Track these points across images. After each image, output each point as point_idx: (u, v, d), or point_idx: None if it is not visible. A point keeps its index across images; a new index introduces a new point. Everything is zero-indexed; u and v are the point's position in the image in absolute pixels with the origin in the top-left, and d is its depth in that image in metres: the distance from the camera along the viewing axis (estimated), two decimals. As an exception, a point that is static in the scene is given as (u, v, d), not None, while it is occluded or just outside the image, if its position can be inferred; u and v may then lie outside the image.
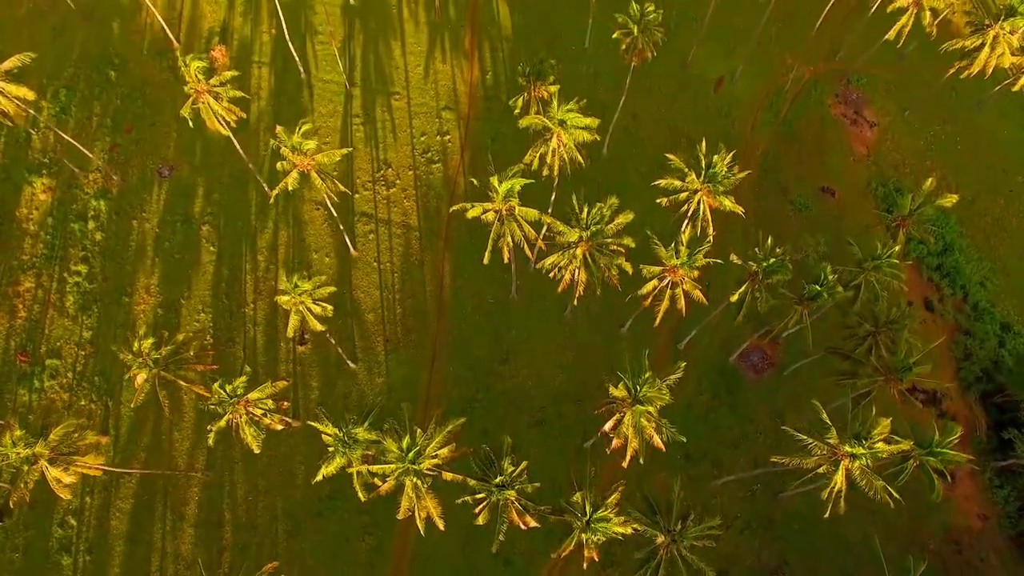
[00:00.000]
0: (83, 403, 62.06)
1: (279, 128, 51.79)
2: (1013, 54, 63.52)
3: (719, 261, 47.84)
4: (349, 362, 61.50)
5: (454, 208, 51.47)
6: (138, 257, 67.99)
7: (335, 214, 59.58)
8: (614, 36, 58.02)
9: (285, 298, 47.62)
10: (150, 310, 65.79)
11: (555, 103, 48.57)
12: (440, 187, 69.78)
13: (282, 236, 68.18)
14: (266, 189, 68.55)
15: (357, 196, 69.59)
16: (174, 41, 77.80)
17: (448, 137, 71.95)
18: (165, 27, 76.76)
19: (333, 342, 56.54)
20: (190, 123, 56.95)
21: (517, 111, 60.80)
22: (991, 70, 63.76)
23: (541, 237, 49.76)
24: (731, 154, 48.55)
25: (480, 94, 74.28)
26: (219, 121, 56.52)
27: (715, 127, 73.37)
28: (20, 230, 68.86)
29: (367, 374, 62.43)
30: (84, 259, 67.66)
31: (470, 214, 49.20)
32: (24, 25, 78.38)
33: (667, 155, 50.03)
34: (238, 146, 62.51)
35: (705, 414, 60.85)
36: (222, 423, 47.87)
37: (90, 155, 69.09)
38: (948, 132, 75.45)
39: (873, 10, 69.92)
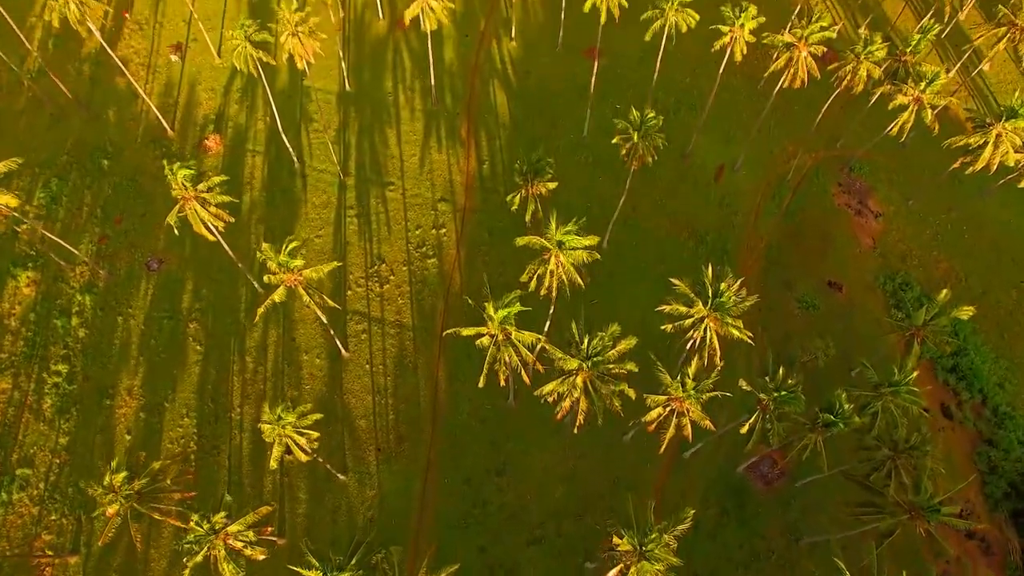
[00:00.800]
0: (54, 517, 58.76)
1: (265, 246, 49.91)
2: (1016, 151, 62.36)
3: (728, 394, 45.43)
4: (339, 474, 58.47)
5: (447, 332, 49.27)
6: (122, 356, 65.50)
7: (325, 320, 57.33)
8: (613, 141, 56.71)
9: (268, 428, 44.99)
10: (132, 414, 63.00)
11: (553, 223, 46.79)
12: (435, 283, 67.76)
13: (271, 335, 65.87)
14: (256, 287, 66.55)
15: (350, 293, 67.54)
16: (168, 129, 76.91)
17: (444, 230, 70.27)
18: (159, 116, 75.98)
19: (320, 460, 53.61)
20: (175, 231, 55.17)
21: (514, 208, 59.33)
22: (995, 166, 62.58)
23: (537, 358, 47.35)
24: (739, 281, 46.46)
25: (477, 185, 72.93)
26: (206, 228, 54.79)
27: (717, 218, 71.87)
28: (1, 327, 66.57)
29: (357, 486, 59.31)
30: (65, 358, 65.18)
31: (464, 332, 47.08)
32: (23, 115, 77.69)
33: (672, 280, 47.96)
34: (228, 249, 60.67)
35: (713, 531, 57.54)
36: (198, 558, 44.74)
37: (75, 251, 67.26)
38: (954, 220, 73.88)
39: (873, 101, 69.04)
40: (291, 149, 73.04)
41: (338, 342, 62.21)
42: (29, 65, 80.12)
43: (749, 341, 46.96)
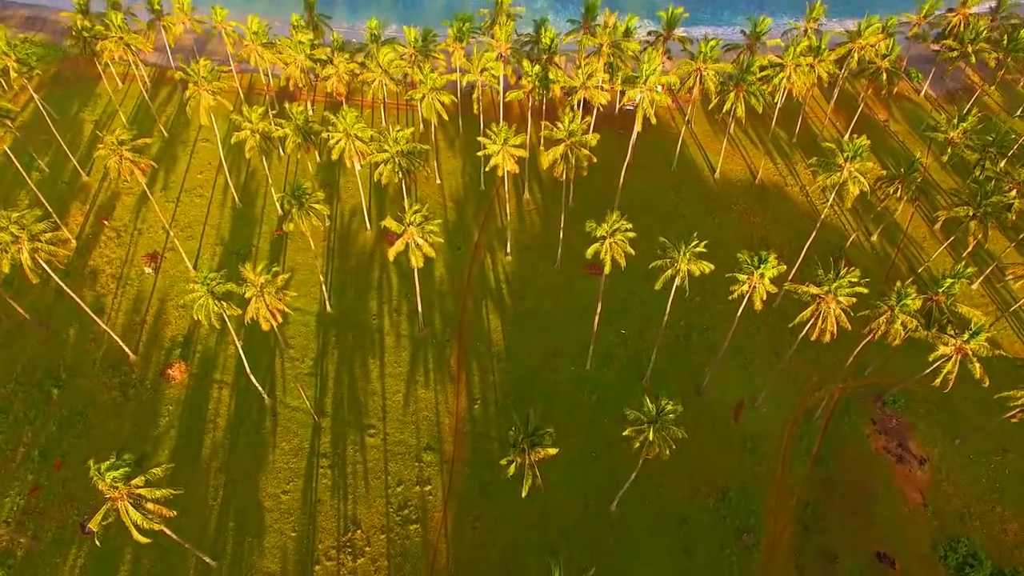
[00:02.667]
0: None
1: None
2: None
3: None
4: None
5: None
6: (37, 654, 54.36)
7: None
8: (624, 434, 49.02)
9: None
10: None
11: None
12: (418, 556, 57.83)
13: (219, 629, 55.11)
14: (208, 561, 56.54)
15: (318, 568, 57.37)
16: (131, 353, 69.89)
17: (429, 488, 61.24)
18: (121, 341, 69.15)
19: None
20: (98, 541, 46.15)
21: (510, 473, 50.67)
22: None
23: None
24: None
25: (467, 429, 64.80)
26: (138, 531, 45.76)
27: (739, 466, 63.20)
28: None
29: None
30: (-31, 657, 53.96)
31: None
32: (-28, 333, 71.04)
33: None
34: (173, 535, 51.32)
35: None
36: None
37: (-2, 522, 57.79)
38: (1012, 464, 65.12)
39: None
40: (260, 387, 65.55)
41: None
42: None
43: None
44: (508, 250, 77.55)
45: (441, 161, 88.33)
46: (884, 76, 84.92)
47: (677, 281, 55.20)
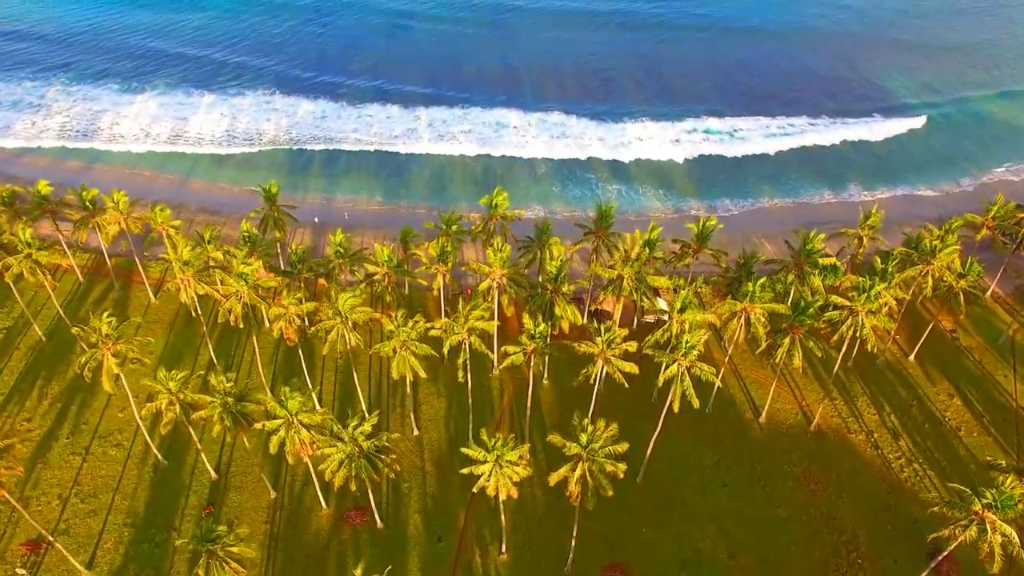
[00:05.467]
0: None
1: None
2: None
3: None
4: None
5: None
6: None
7: None
8: None
9: None
10: None
11: None
12: None
13: None
14: None
15: None
16: None
17: None
18: None
19: None
20: None
21: None
22: None
23: None
24: None
25: None
26: None
27: None
28: None
29: None
30: None
31: None
32: None
33: None
34: None
35: None
36: None
37: None
38: None
39: None
40: None
41: None
42: None
43: None
44: (504, 548, 59.32)
45: (420, 401, 71.46)
46: (961, 297, 69.98)
47: None
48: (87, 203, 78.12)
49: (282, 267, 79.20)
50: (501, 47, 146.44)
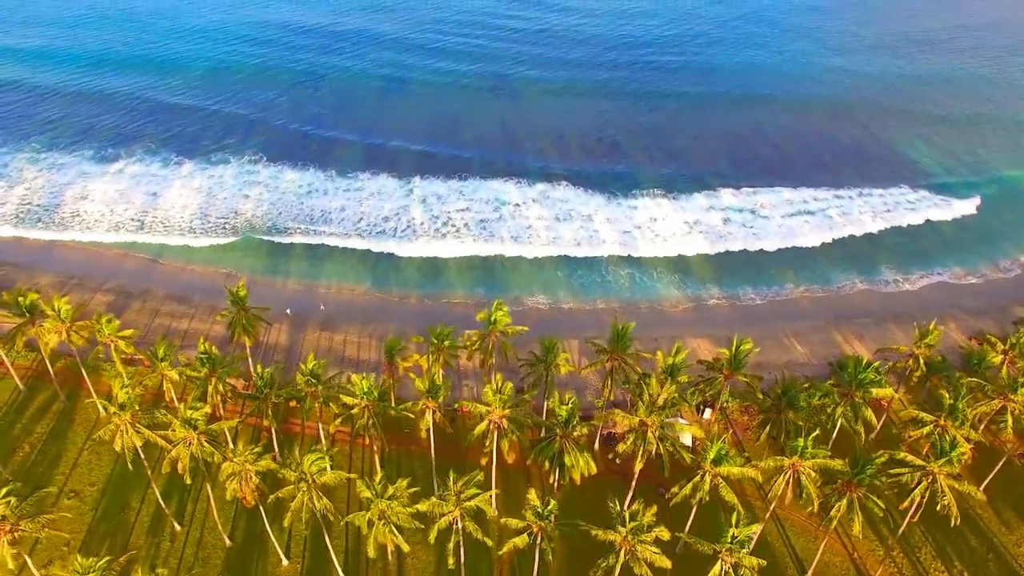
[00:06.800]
0: None
1: None
2: None
3: None
4: None
5: None
6: None
7: None
8: None
9: None
10: None
11: None
12: None
13: None
14: None
15: None
16: None
17: None
18: None
19: None
20: None
21: None
22: None
23: None
24: None
25: None
26: None
27: None
28: None
29: None
30: None
31: None
32: None
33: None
34: None
35: None
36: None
37: None
38: None
39: None
40: None
41: None
42: None
43: None
44: None
45: (404, 556, 60.27)
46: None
47: None
48: (24, 309, 68.16)
49: (251, 375, 68.84)
50: (501, 112, 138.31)
